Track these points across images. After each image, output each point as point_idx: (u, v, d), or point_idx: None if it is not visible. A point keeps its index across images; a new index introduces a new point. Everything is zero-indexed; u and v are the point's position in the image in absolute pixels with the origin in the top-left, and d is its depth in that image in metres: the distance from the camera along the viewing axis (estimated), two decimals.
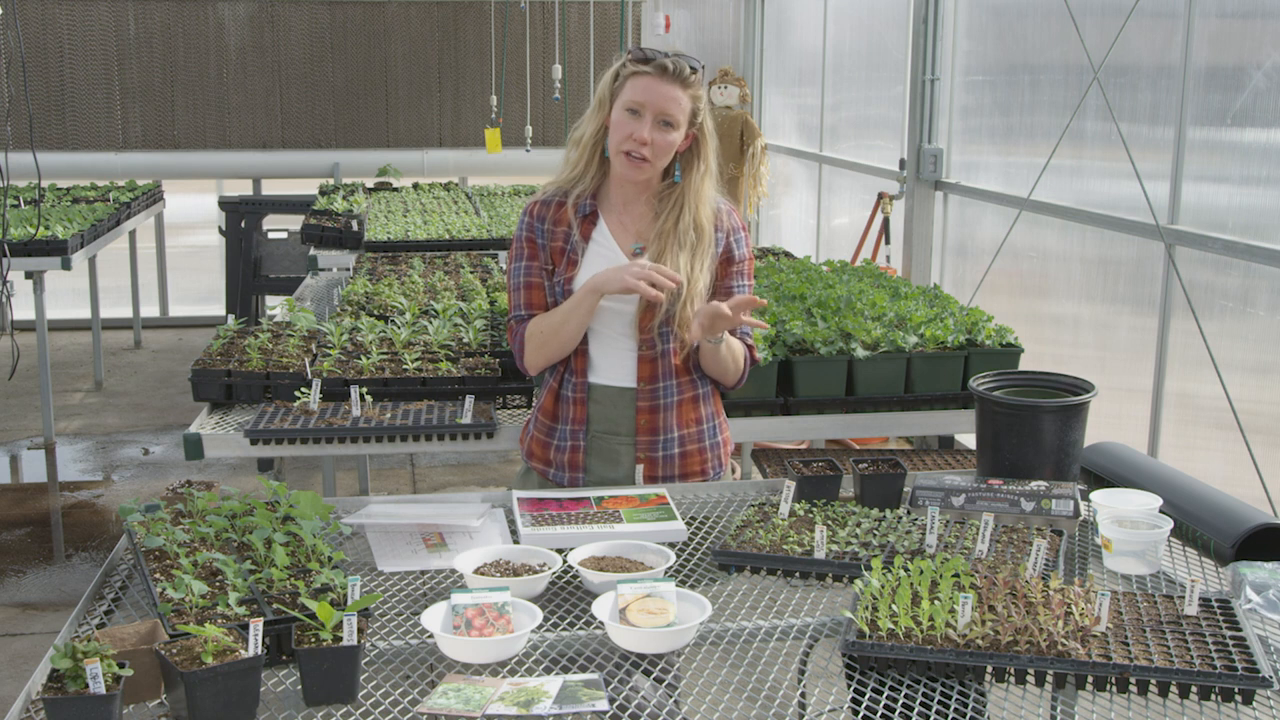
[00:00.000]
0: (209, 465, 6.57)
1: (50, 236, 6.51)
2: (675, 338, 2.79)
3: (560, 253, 2.81)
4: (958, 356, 3.69)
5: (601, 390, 2.83)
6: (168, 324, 9.91)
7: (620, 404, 2.82)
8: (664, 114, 2.69)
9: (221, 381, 3.51)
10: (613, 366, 2.82)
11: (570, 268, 2.79)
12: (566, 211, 2.82)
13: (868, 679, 1.92)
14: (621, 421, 2.83)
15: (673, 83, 2.70)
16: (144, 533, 2.30)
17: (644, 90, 2.69)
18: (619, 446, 2.84)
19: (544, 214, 2.83)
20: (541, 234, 2.82)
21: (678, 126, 2.71)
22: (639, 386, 2.81)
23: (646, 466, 2.84)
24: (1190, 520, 2.48)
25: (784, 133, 9.50)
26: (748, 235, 2.92)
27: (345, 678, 1.84)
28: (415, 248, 5.80)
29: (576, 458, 2.85)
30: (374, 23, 9.67)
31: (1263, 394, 4.24)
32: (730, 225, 2.87)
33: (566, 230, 2.81)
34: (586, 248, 2.80)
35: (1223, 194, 4.44)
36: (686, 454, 2.87)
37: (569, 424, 2.85)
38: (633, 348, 2.80)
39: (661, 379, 2.81)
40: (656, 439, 2.84)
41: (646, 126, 2.69)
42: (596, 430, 2.85)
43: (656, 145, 2.70)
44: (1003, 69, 6.02)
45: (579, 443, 2.85)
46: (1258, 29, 4.28)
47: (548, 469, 2.89)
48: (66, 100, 9.41)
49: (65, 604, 4.98)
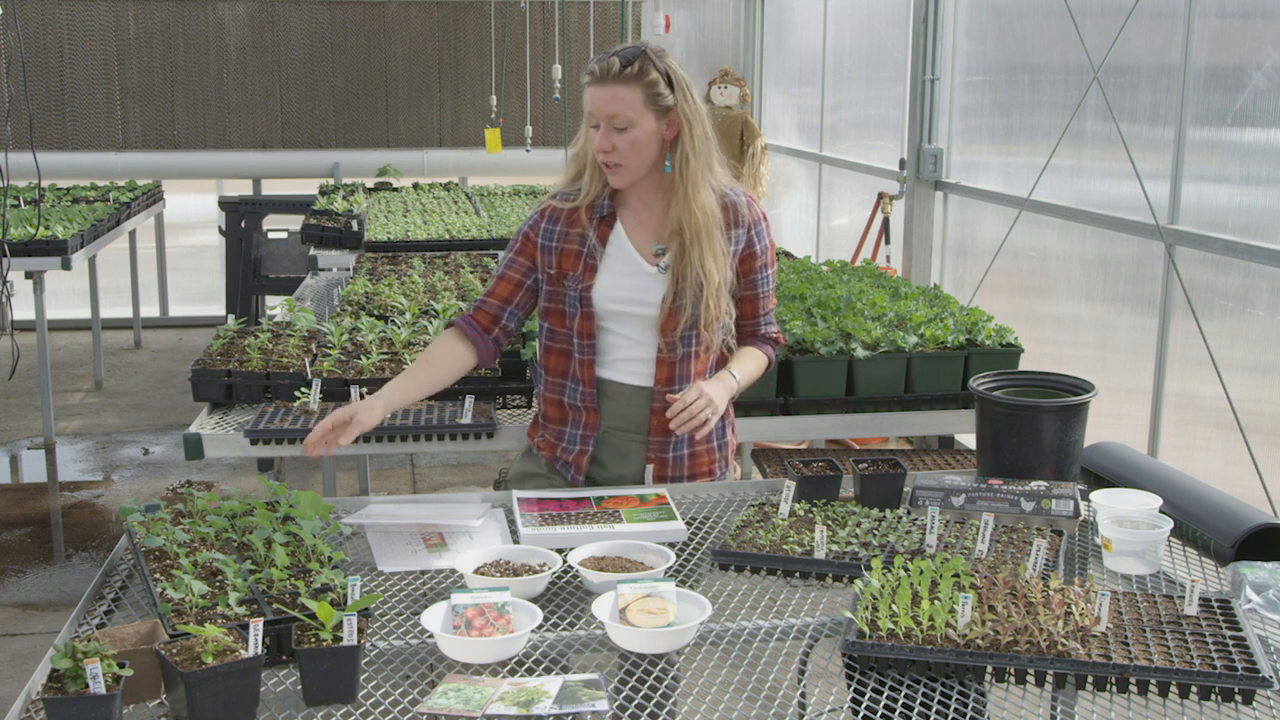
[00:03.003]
0: (209, 465, 6.57)
1: (50, 236, 6.50)
2: (698, 340, 2.77)
3: (575, 256, 2.76)
4: (958, 356, 3.69)
5: (616, 387, 2.80)
6: (168, 324, 9.91)
7: (634, 402, 2.80)
8: (611, 117, 2.64)
9: (221, 381, 3.51)
10: (630, 365, 2.79)
11: (589, 274, 2.74)
12: (581, 214, 2.77)
13: (868, 679, 1.92)
14: (634, 419, 2.81)
15: (610, 83, 2.64)
16: (144, 533, 2.30)
17: (590, 100, 2.67)
18: (630, 443, 2.83)
19: (557, 216, 2.79)
20: (550, 236, 2.79)
21: (633, 123, 2.64)
22: (656, 387, 2.79)
23: (656, 466, 2.83)
24: (1190, 520, 2.48)
25: (784, 133, 9.50)
26: (768, 225, 2.87)
27: (345, 678, 1.84)
28: (415, 248, 5.80)
29: (582, 460, 2.84)
30: (374, 23, 9.67)
31: (1263, 394, 4.24)
32: (752, 218, 2.83)
33: (581, 234, 2.76)
34: (604, 251, 2.76)
35: (1223, 194, 4.44)
36: (696, 455, 2.87)
37: (580, 429, 2.84)
38: (652, 348, 2.77)
39: (678, 381, 2.78)
40: (668, 439, 2.82)
41: (601, 135, 2.66)
42: (608, 426, 2.83)
43: (620, 149, 2.66)
44: (1003, 69, 6.02)
45: (587, 447, 2.84)
46: (1258, 29, 4.28)
47: (555, 461, 2.88)
48: (66, 100, 9.41)
49: (65, 604, 4.98)
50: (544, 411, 2.89)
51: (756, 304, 2.90)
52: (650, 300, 2.73)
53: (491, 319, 2.83)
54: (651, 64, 2.65)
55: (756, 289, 2.88)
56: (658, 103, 2.66)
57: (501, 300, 2.83)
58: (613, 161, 2.68)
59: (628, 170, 2.69)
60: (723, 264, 2.74)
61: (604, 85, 2.64)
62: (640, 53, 2.66)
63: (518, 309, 2.84)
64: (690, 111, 2.69)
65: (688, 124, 2.69)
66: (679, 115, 2.68)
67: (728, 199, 2.80)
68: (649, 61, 2.65)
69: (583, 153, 2.78)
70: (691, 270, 2.69)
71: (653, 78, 2.65)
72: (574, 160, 2.82)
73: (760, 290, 2.88)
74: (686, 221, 2.70)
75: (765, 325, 2.93)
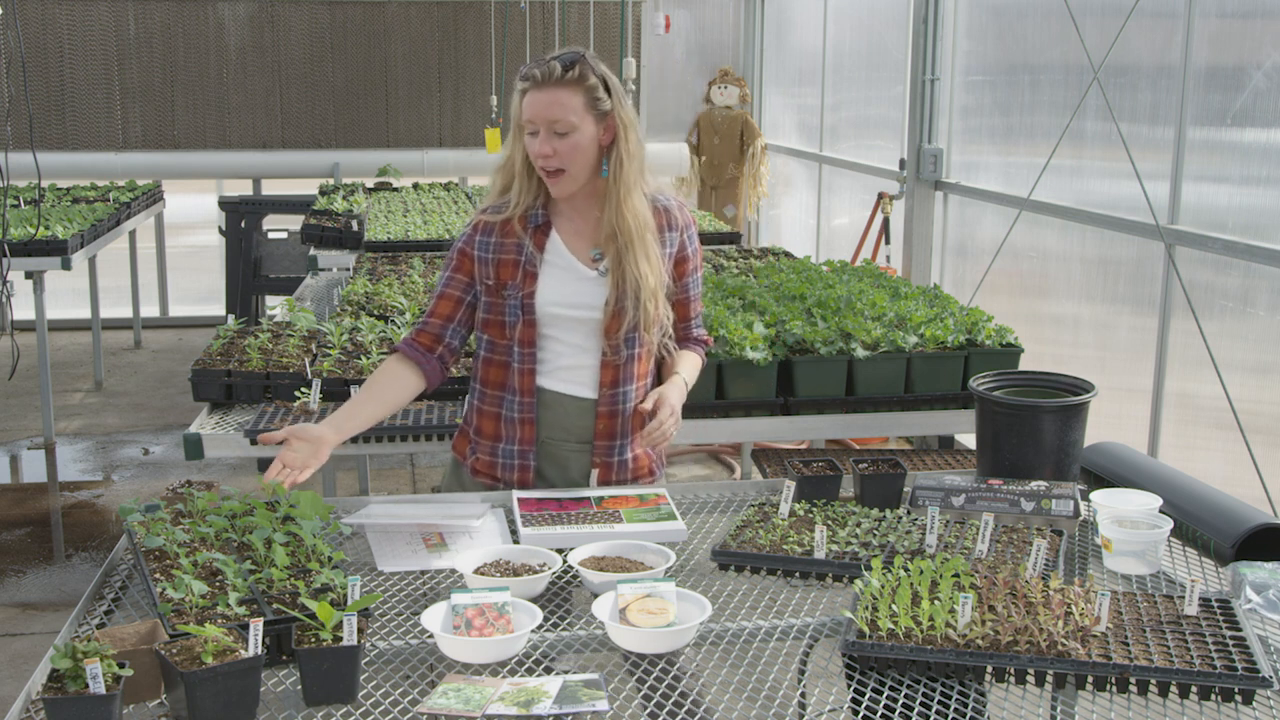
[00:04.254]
0: (209, 465, 6.57)
1: (50, 236, 6.50)
2: (640, 342, 2.76)
3: (513, 265, 2.72)
4: (958, 356, 3.69)
5: (555, 397, 2.77)
6: (168, 324, 9.91)
7: (574, 412, 2.77)
8: (552, 122, 2.61)
9: (221, 381, 3.51)
10: (571, 373, 2.76)
11: (529, 281, 2.71)
12: (514, 225, 2.74)
13: (868, 679, 1.92)
14: (574, 429, 2.78)
15: (550, 87, 2.61)
16: (144, 533, 2.30)
17: (528, 106, 2.63)
18: (569, 453, 2.80)
19: (490, 228, 2.75)
20: (485, 248, 2.74)
21: (574, 127, 2.62)
22: (600, 393, 2.76)
23: (601, 471, 2.80)
24: (1190, 520, 2.48)
25: (784, 133, 9.51)
26: (695, 228, 2.89)
27: (345, 678, 1.84)
28: (415, 248, 5.80)
29: (527, 476, 2.80)
30: (374, 23, 9.67)
31: (1263, 394, 4.24)
32: (683, 222, 2.84)
33: (518, 243, 2.73)
34: (543, 258, 2.73)
35: (1223, 194, 4.44)
36: (638, 459, 2.86)
37: (516, 444, 2.79)
38: (594, 355, 2.74)
39: (622, 384, 2.77)
40: (614, 444, 2.80)
41: (541, 140, 2.63)
42: (546, 436, 2.79)
43: (561, 153, 2.63)
44: (1003, 69, 6.02)
45: (528, 461, 2.79)
46: (1258, 29, 4.28)
47: (496, 484, 2.83)
48: (66, 100, 9.41)
49: (65, 604, 4.98)
50: (478, 426, 2.84)
51: (688, 307, 2.91)
52: (593, 304, 2.72)
53: (434, 339, 2.79)
54: (590, 68, 2.65)
55: (688, 292, 2.89)
56: (597, 107, 2.65)
57: (443, 319, 2.79)
58: (553, 167, 2.64)
59: (569, 177, 2.66)
60: (658, 266, 2.74)
61: (544, 90, 2.62)
62: (579, 57, 2.65)
63: (460, 326, 2.80)
64: (626, 117, 2.69)
65: (624, 129, 2.68)
66: (615, 120, 2.67)
67: (659, 203, 2.80)
68: (588, 66, 2.65)
69: (510, 164, 2.74)
70: (630, 273, 2.68)
71: (592, 82, 2.64)
72: (501, 173, 2.77)
73: (692, 293, 2.91)
74: (619, 226, 2.68)
75: (696, 328, 2.95)
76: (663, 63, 10.00)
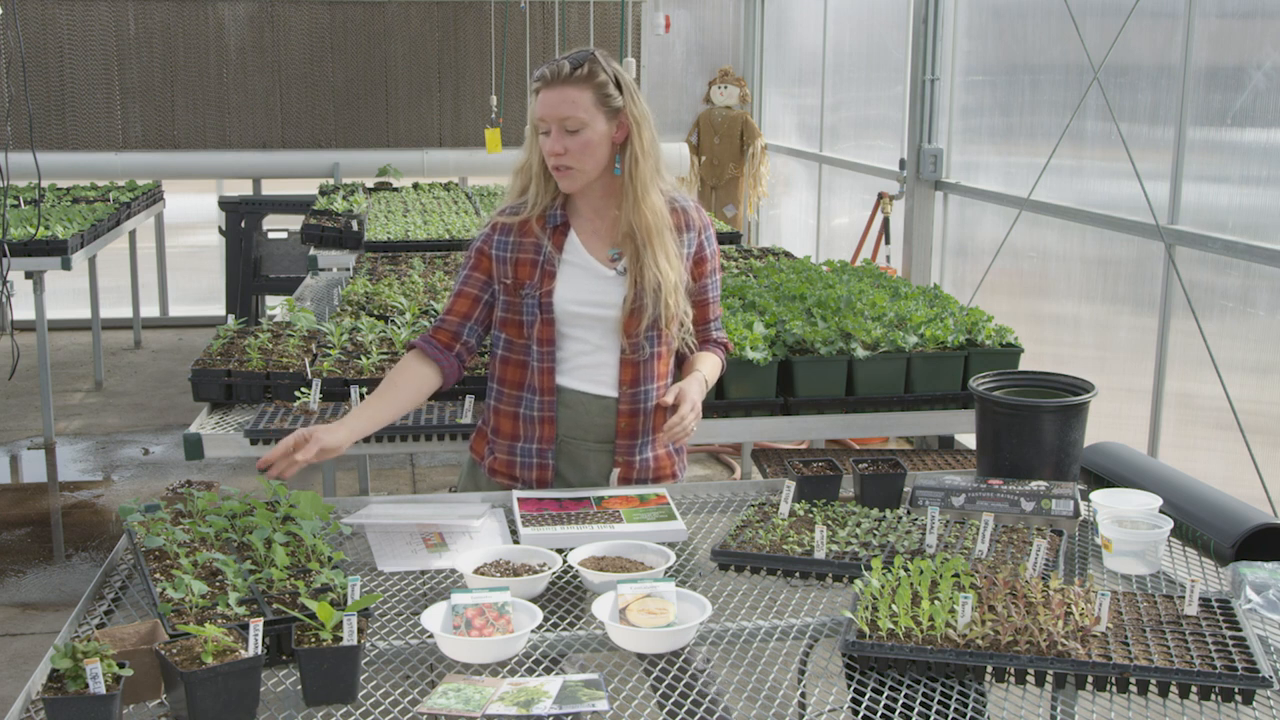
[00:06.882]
0: (209, 465, 6.57)
1: (50, 236, 6.50)
2: (660, 339, 2.77)
3: (531, 265, 2.74)
4: (958, 356, 3.69)
5: (575, 396, 2.77)
6: (168, 324, 9.91)
7: (595, 410, 2.77)
8: (563, 120, 2.63)
9: (221, 381, 3.51)
10: (590, 372, 2.76)
11: (548, 280, 2.72)
12: (532, 225, 2.75)
13: (868, 679, 1.92)
14: (594, 429, 2.78)
15: (561, 85, 2.63)
16: (144, 533, 2.30)
17: (541, 105, 2.66)
18: (588, 452, 2.80)
19: (509, 229, 2.76)
20: (503, 247, 2.76)
21: (584, 124, 2.63)
22: (622, 391, 2.76)
23: (623, 470, 2.81)
24: (1190, 520, 2.48)
25: (784, 133, 9.51)
26: (713, 229, 2.90)
27: (345, 678, 1.84)
28: (415, 248, 5.80)
29: (546, 475, 2.80)
30: (374, 23, 9.67)
31: (1263, 394, 4.24)
32: (701, 223, 2.85)
33: (536, 242, 2.74)
34: (561, 258, 2.74)
35: (1223, 194, 4.44)
36: (659, 458, 2.86)
37: (535, 443, 2.79)
38: (613, 353, 2.75)
39: (643, 383, 2.77)
40: (635, 443, 2.80)
41: (553, 138, 2.65)
42: (565, 436, 2.79)
43: (572, 151, 2.64)
44: (1003, 69, 6.02)
45: (547, 461, 2.79)
46: (1258, 29, 4.28)
47: (514, 484, 2.83)
48: (66, 100, 9.41)
49: (65, 604, 4.98)
50: (496, 426, 2.84)
51: (707, 309, 2.91)
52: (611, 302, 2.72)
53: (452, 336, 2.80)
54: (600, 66, 2.66)
55: (707, 294, 2.90)
56: (608, 104, 2.66)
57: (461, 316, 2.80)
58: (564, 164, 2.66)
59: (579, 173, 2.67)
60: (677, 263, 2.75)
61: (554, 88, 2.64)
62: (589, 55, 2.67)
63: (477, 324, 2.81)
64: (639, 114, 2.70)
65: (636, 126, 2.69)
66: (628, 117, 2.69)
67: (676, 204, 2.81)
68: (598, 64, 2.66)
69: (527, 166, 2.76)
70: (649, 271, 2.69)
71: (602, 79, 2.65)
72: (519, 174, 2.79)
73: (710, 295, 2.91)
74: (637, 224, 2.69)
75: (715, 330, 2.95)
76: (663, 63, 10.00)
